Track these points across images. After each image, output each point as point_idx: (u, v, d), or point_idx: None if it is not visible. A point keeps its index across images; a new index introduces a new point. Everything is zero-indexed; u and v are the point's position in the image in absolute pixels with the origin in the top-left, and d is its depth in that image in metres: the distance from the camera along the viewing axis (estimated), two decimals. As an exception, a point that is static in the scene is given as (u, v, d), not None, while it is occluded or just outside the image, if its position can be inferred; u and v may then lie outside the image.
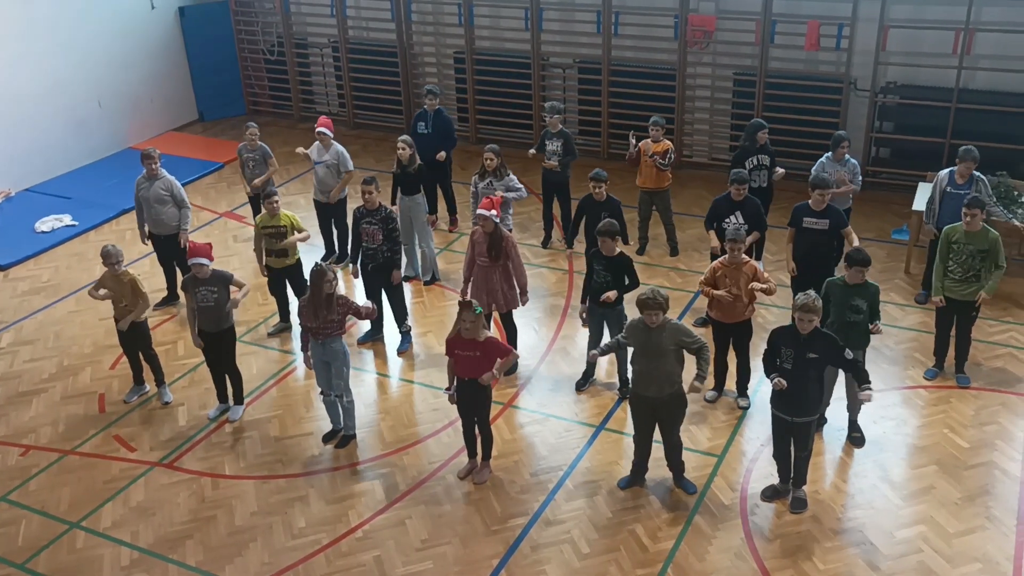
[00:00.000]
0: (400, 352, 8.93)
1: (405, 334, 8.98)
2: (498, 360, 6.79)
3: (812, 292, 6.47)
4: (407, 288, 9.87)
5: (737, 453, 7.45)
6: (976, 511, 6.72)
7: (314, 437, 7.82)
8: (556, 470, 7.32)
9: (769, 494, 6.93)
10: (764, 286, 7.50)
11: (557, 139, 10.43)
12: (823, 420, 7.61)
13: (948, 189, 8.83)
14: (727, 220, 8.57)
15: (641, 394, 6.67)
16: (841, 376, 7.32)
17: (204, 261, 7.55)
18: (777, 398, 6.60)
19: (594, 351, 7.21)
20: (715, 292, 7.56)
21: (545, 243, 10.94)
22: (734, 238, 7.50)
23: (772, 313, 9.24)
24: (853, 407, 7.48)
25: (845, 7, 11.39)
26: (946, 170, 8.94)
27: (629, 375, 7.41)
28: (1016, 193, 9.62)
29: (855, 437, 7.49)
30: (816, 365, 6.36)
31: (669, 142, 10.28)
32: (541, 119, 12.10)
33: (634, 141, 10.15)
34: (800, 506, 6.80)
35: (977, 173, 8.77)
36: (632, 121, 12.64)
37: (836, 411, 7.61)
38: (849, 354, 6.39)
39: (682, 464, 7.01)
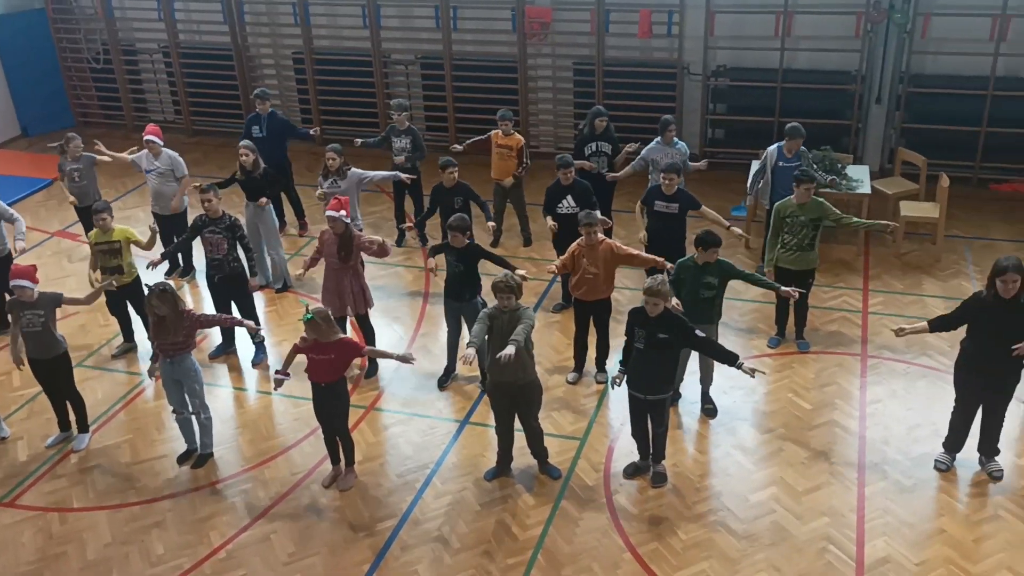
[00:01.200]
0: (255, 364, 8.68)
1: (259, 345, 8.73)
2: (355, 359, 6.67)
3: (660, 276, 6.67)
4: (259, 297, 9.60)
5: (599, 434, 7.61)
6: (821, 468, 7.11)
7: (168, 459, 7.51)
8: (423, 469, 7.29)
9: (631, 471, 7.12)
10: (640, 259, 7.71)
11: (405, 136, 10.38)
12: (678, 395, 7.87)
13: (779, 164, 9.30)
14: (560, 205, 8.78)
15: (498, 380, 6.71)
16: (694, 351, 7.59)
17: (26, 284, 7.12)
18: (632, 378, 6.77)
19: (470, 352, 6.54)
20: (557, 263, 7.88)
21: (399, 242, 10.87)
22: (588, 222, 7.66)
23: (624, 296, 9.48)
24: (706, 380, 7.77)
25: (674, -5, 11.81)
26: (774, 146, 9.40)
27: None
28: (840, 166, 10.20)
29: (708, 408, 7.79)
30: (667, 345, 6.55)
31: (520, 136, 10.39)
32: (388, 117, 12.00)
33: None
34: (660, 480, 7.02)
35: (802, 148, 9.27)
36: (478, 115, 12.77)
37: (690, 385, 7.89)
38: (700, 334, 6.58)
39: (545, 450, 7.11)
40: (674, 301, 7.06)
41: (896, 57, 11.44)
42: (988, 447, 6.94)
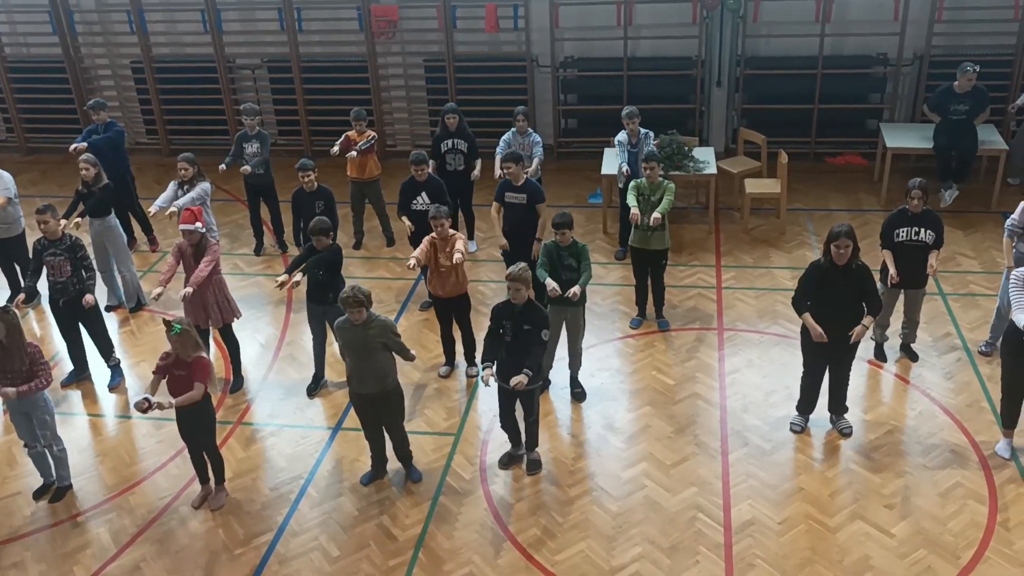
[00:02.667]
0: (112, 388, 8.33)
1: (114, 368, 8.38)
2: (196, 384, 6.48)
3: (523, 263, 6.78)
4: (112, 318, 9.23)
5: (473, 428, 7.67)
6: (687, 440, 7.38)
7: (24, 496, 7.12)
8: (297, 479, 7.17)
9: (505, 462, 7.21)
10: (457, 255, 7.63)
11: (255, 141, 10.14)
12: (547, 382, 8.02)
13: (628, 149, 9.57)
14: (414, 201, 8.80)
15: (357, 391, 6.68)
16: (564, 337, 7.75)
17: None
18: (500, 370, 6.84)
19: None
20: (414, 257, 7.66)
21: (258, 250, 10.62)
22: (435, 215, 7.68)
23: (490, 288, 9.57)
24: (574, 365, 7.94)
25: (517, -12, 11.95)
26: (622, 132, 9.66)
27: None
28: (687, 148, 10.58)
29: (577, 393, 7.96)
30: (532, 335, 6.66)
31: (373, 132, 10.32)
32: (238, 123, 11.70)
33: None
34: (535, 467, 7.13)
35: (644, 130, 9.56)
36: (331, 116, 12.63)
37: (559, 371, 8.05)
38: (545, 335, 6.71)
39: (410, 454, 7.09)
40: (571, 291, 7.23)
41: (732, 41, 11.92)
42: (837, 406, 7.37)
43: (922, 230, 7.58)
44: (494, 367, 6.68)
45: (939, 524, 6.44)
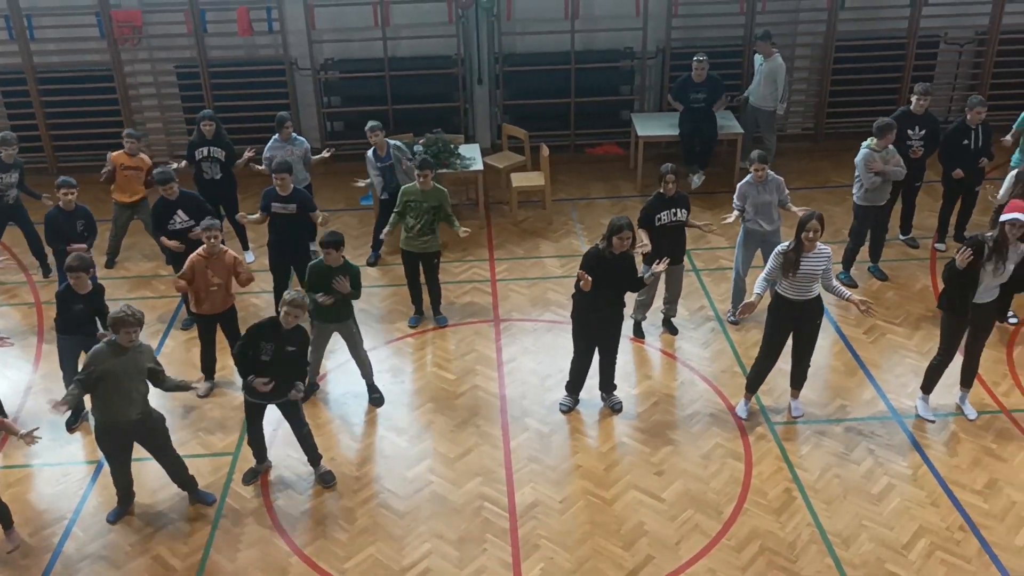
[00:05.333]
0: None
1: None
2: None
3: (301, 290, 6.65)
4: None
5: (250, 446, 7.44)
6: (470, 432, 7.51)
7: None
8: (60, 521, 6.68)
9: (249, 478, 7.03)
10: (244, 277, 7.61)
11: (14, 171, 9.35)
12: (315, 387, 7.90)
13: (378, 165, 9.56)
14: (171, 221, 8.40)
15: (119, 420, 6.29)
16: (343, 341, 7.65)
17: None
18: (251, 388, 6.61)
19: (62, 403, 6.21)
20: (180, 284, 7.58)
21: None
22: (208, 225, 7.42)
23: (263, 299, 9.29)
24: (367, 373, 7.85)
25: (267, -9, 11.65)
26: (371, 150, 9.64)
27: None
28: (453, 146, 10.73)
29: (375, 398, 7.88)
30: (294, 356, 6.58)
31: (146, 158, 9.71)
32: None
33: None
34: (330, 479, 6.99)
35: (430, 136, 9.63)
36: (76, 130, 11.82)
37: (339, 376, 7.95)
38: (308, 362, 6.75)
39: (192, 479, 6.79)
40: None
41: (489, 39, 12.20)
42: (607, 384, 7.74)
43: (678, 210, 8.10)
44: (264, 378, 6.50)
45: (703, 484, 6.93)
